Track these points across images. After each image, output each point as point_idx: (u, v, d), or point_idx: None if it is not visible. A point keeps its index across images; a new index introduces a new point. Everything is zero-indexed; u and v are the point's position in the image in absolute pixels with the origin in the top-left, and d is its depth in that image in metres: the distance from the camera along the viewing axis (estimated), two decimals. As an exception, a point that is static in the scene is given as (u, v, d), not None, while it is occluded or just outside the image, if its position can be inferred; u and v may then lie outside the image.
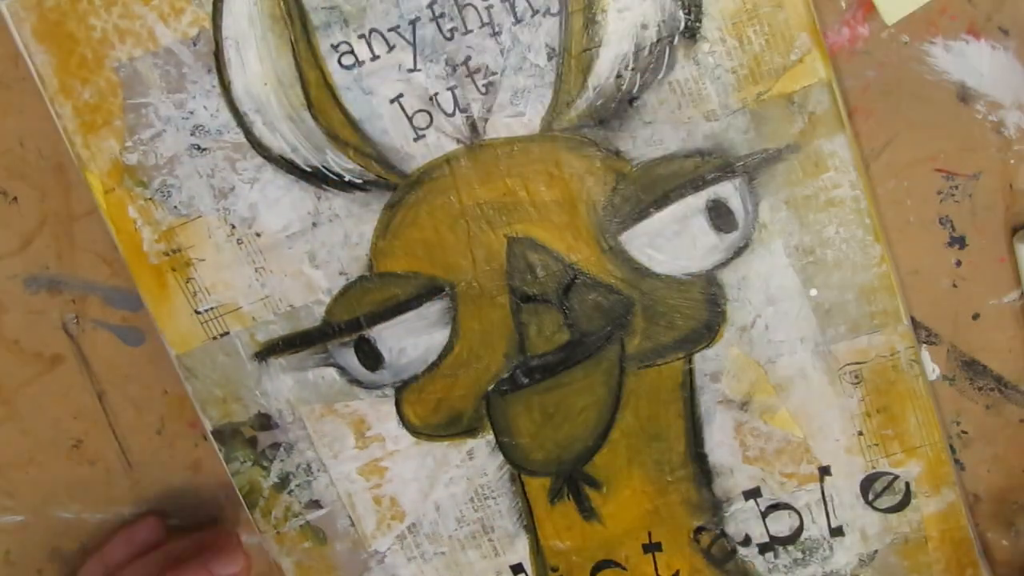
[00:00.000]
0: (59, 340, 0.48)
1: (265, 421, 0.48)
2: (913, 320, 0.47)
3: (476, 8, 0.43)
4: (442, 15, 0.43)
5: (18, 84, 0.45)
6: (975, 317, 0.47)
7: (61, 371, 0.49)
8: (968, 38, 0.44)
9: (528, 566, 0.50)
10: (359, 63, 0.43)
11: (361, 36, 0.43)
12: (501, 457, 0.48)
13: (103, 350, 0.48)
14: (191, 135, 0.44)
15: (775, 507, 0.49)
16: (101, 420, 0.49)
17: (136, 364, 0.48)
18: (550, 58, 0.43)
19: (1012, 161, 0.45)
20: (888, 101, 0.45)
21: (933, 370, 0.48)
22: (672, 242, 0.45)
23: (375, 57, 0.43)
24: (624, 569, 0.50)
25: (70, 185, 0.46)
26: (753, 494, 0.49)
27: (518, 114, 0.44)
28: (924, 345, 0.47)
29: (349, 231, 0.45)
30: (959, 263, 0.46)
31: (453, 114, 0.44)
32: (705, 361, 0.47)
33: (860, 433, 0.47)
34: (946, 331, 0.47)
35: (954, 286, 0.47)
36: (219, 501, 0.51)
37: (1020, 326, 0.47)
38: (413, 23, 0.43)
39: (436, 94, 0.44)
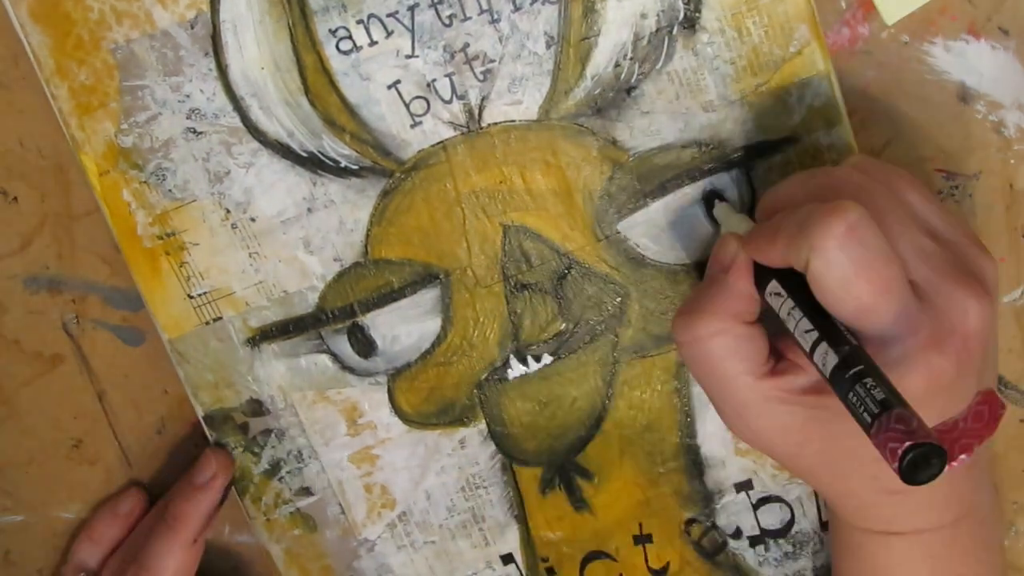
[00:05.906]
0: (59, 340, 0.48)
1: (257, 407, 0.47)
2: (912, 320, 0.47)
3: (475, -5, 0.43)
4: (441, 1, 0.43)
5: (18, 84, 0.45)
6: (975, 317, 0.47)
7: (61, 371, 0.48)
8: (968, 38, 0.44)
9: (518, 556, 0.50)
10: (357, 48, 0.43)
11: (359, 21, 0.43)
12: (493, 446, 0.48)
13: (103, 350, 0.48)
14: (187, 118, 0.44)
15: (766, 500, 0.49)
16: (101, 420, 0.49)
17: (136, 364, 0.48)
18: (549, 46, 0.43)
19: (1012, 161, 0.45)
20: (888, 101, 0.45)
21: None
22: (668, 232, 0.45)
23: (373, 43, 0.43)
24: (614, 560, 0.50)
25: (70, 185, 0.46)
26: (744, 486, 0.49)
27: (516, 102, 0.44)
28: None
29: (344, 217, 0.45)
30: (959, 263, 0.46)
31: (450, 101, 0.44)
32: (699, 354, 0.47)
33: (853, 426, 0.47)
34: (946, 332, 0.47)
35: (954, 286, 0.46)
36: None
37: (1020, 326, 0.47)
38: (412, 9, 0.43)
39: (434, 81, 0.44)
